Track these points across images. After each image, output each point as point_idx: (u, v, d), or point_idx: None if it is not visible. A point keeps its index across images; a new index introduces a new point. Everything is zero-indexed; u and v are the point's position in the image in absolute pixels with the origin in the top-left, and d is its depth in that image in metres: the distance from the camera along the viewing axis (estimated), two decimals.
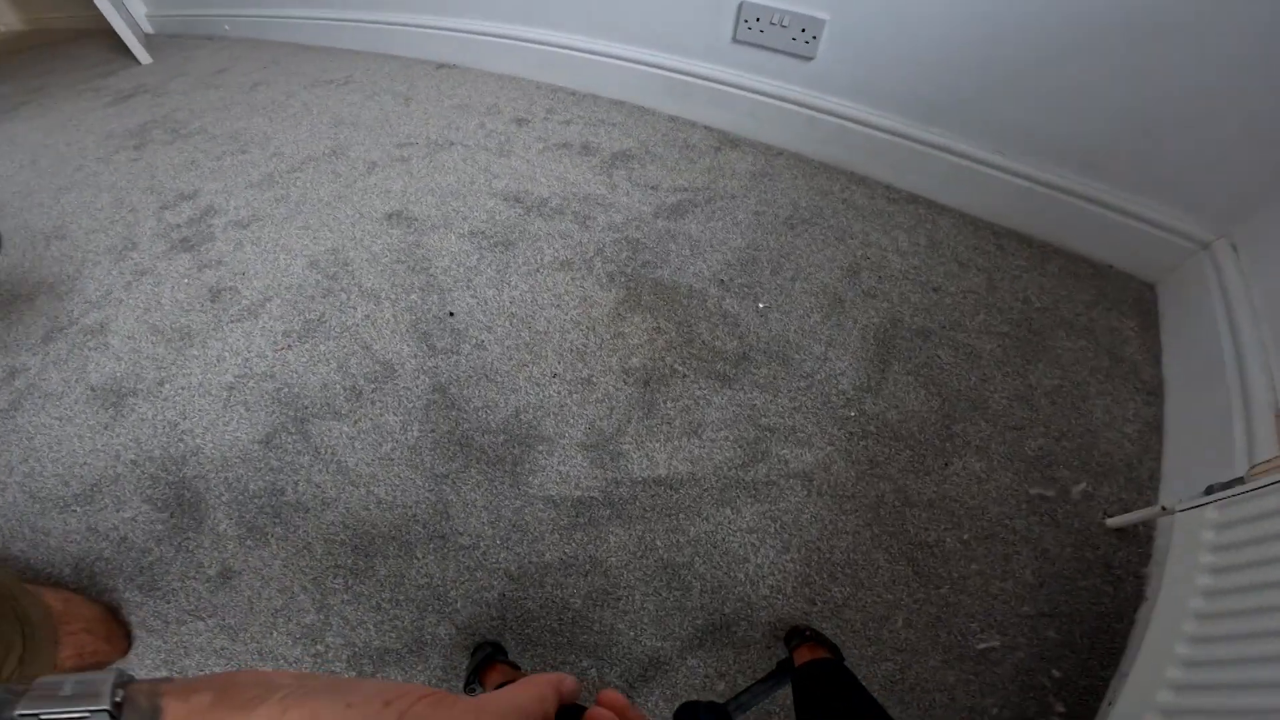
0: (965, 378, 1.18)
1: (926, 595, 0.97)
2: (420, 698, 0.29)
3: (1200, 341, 1.11)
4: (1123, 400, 1.14)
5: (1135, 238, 1.27)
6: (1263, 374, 0.95)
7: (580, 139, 1.68)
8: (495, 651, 0.92)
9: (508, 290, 1.31)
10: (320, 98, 2.05)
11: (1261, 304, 1.04)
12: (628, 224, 1.44)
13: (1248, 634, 0.62)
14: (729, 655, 0.94)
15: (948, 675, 0.91)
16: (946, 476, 1.07)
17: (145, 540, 1.06)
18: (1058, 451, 1.08)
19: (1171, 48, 1.05)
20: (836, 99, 1.48)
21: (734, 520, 1.05)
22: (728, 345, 1.23)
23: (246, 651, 0.97)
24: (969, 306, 1.28)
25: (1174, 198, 1.21)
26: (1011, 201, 1.39)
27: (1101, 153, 1.23)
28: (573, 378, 1.19)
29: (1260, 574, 0.65)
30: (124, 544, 1.06)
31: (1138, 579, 0.96)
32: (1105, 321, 1.25)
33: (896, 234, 1.42)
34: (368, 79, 2.10)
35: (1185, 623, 0.70)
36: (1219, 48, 1.02)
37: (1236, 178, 1.12)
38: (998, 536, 1.01)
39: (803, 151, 1.61)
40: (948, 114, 1.36)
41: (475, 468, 1.10)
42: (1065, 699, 0.88)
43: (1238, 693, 0.60)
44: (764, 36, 1.44)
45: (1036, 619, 0.94)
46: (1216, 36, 1.01)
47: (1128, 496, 1.03)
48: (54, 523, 1.09)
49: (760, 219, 1.45)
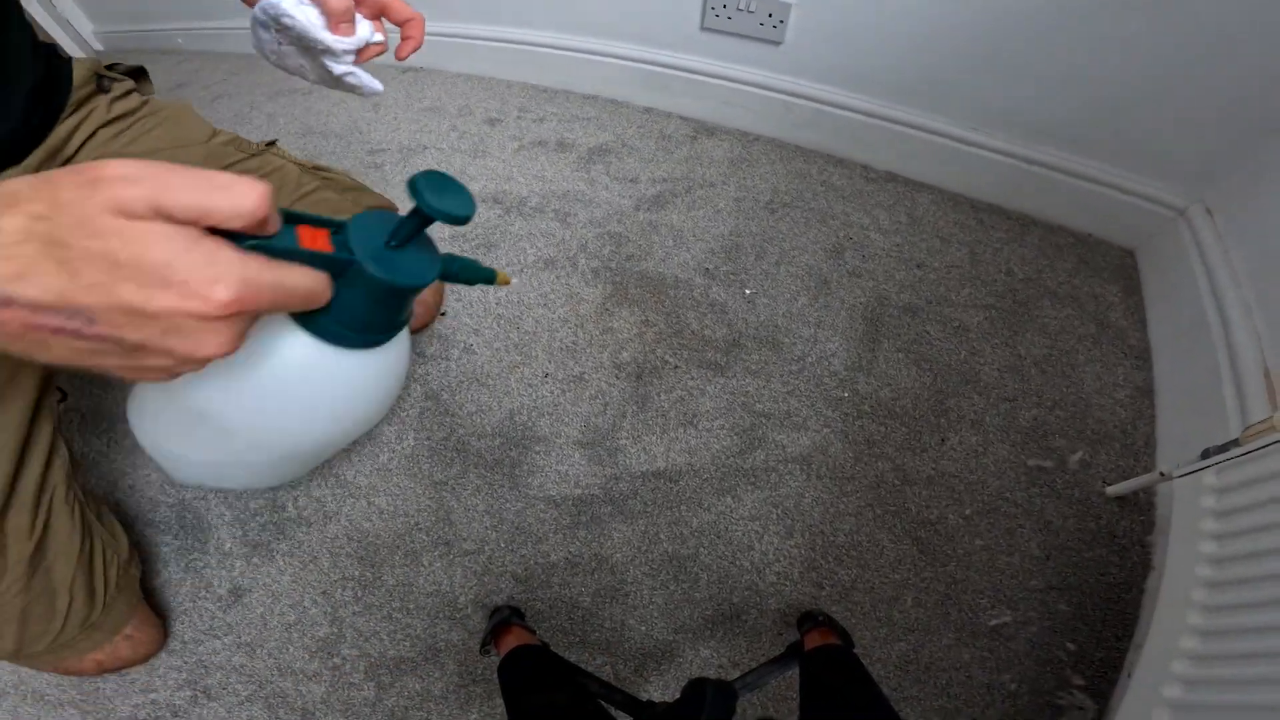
0: (955, 352, 1.19)
1: (934, 573, 0.97)
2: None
3: (1184, 305, 1.12)
4: (1112, 366, 1.15)
5: (1112, 206, 1.29)
6: (1248, 334, 0.97)
7: (555, 136, 1.67)
8: (513, 614, 0.92)
9: (493, 292, 1.30)
10: (285, 107, 2.01)
11: (1240, 265, 1.05)
12: (609, 218, 1.44)
13: (1258, 602, 0.63)
14: (741, 644, 0.95)
15: (962, 653, 0.92)
16: (944, 452, 1.08)
17: (152, 563, 1.04)
18: (1052, 421, 1.09)
19: (1140, 20, 1.06)
20: (808, 82, 1.47)
21: (735, 509, 1.05)
22: (717, 333, 1.23)
23: (265, 668, 0.96)
24: (954, 281, 1.29)
25: (1147, 166, 1.22)
26: (988, 176, 1.39)
27: (1074, 125, 1.24)
28: (564, 376, 1.19)
29: (1263, 540, 0.65)
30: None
31: (1143, 548, 0.97)
32: (1089, 289, 1.26)
33: (877, 213, 1.42)
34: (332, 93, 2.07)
35: (1194, 591, 0.70)
36: (1186, 19, 1.02)
37: (1206, 144, 1.13)
38: (1000, 510, 1.01)
39: (779, 136, 1.60)
40: (919, 92, 1.36)
41: (474, 472, 1.09)
42: (1083, 671, 0.89)
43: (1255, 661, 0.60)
44: (732, 23, 1.44)
45: (1046, 592, 0.95)
46: (1182, 8, 1.02)
47: (1125, 463, 1.04)
48: None
49: (741, 205, 1.45)
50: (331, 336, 0.46)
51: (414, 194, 0.38)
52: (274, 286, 0.35)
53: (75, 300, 0.30)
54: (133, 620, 0.91)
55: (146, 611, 0.96)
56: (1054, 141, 1.29)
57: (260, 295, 0.34)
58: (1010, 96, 1.26)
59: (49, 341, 0.32)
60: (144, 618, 0.94)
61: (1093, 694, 0.87)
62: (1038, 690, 0.89)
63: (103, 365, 0.34)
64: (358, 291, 0.43)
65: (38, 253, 0.30)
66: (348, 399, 0.55)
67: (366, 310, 0.46)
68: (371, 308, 0.46)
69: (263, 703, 0.94)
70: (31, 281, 0.29)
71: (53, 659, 0.85)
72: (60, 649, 0.82)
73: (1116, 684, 0.87)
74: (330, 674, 0.95)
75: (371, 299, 0.45)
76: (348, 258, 0.41)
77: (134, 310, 0.31)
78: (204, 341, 0.34)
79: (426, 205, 0.39)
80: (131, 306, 0.31)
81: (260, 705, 0.94)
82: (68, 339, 0.32)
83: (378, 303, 0.46)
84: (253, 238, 0.35)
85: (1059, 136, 1.27)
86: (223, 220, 0.33)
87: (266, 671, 0.96)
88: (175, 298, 0.31)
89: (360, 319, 0.46)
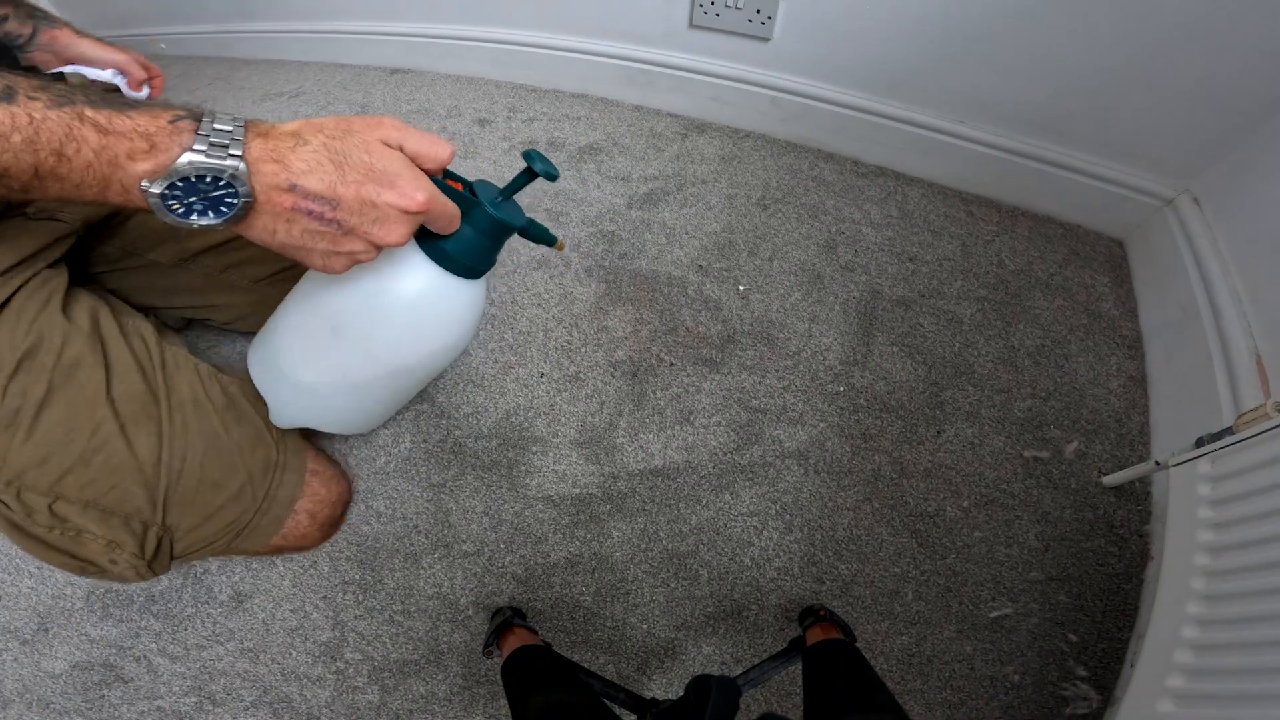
0: (949, 344, 1.19)
1: (933, 566, 0.98)
2: None
3: (1174, 294, 1.13)
4: (1104, 356, 1.16)
5: (1100, 197, 1.29)
6: (1239, 322, 0.98)
7: (546, 135, 1.66)
8: (514, 615, 0.92)
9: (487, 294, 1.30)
10: (272, 112, 2.00)
11: (1229, 254, 1.06)
12: (601, 217, 1.44)
13: (1257, 590, 0.63)
14: (743, 640, 0.95)
15: (964, 645, 0.92)
16: (940, 445, 1.08)
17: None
18: (1046, 411, 1.10)
19: (1121, 9, 1.06)
20: (797, 78, 1.48)
21: (734, 505, 1.05)
22: (712, 330, 1.23)
23: (270, 673, 0.96)
24: (945, 273, 1.30)
25: (1134, 157, 1.23)
26: (977, 168, 1.40)
27: (1060, 117, 1.25)
28: (560, 376, 1.19)
29: (1260, 528, 0.66)
30: None
31: (1141, 537, 0.97)
32: (1079, 279, 1.27)
33: (868, 207, 1.42)
34: (320, 89, 2.06)
35: (1194, 580, 0.71)
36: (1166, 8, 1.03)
37: (1192, 133, 1.14)
38: (997, 502, 1.02)
39: (769, 132, 1.61)
40: (907, 86, 1.37)
41: (471, 474, 1.09)
42: (1086, 662, 0.90)
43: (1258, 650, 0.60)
44: (720, 20, 1.44)
45: (1046, 584, 0.95)
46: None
47: (1120, 453, 1.05)
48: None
49: (733, 202, 1.45)
50: (448, 264, 0.67)
51: (527, 159, 0.62)
52: (443, 203, 0.58)
53: (335, 190, 0.50)
54: (309, 454, 0.97)
55: (315, 448, 1.03)
56: (1040, 133, 1.29)
57: (435, 205, 0.56)
58: (996, 89, 1.27)
59: (298, 221, 0.51)
60: (316, 454, 1.01)
61: (1096, 685, 0.88)
62: (1041, 682, 0.90)
63: (313, 248, 0.54)
64: (474, 229, 0.65)
65: (325, 159, 0.50)
66: (450, 319, 0.74)
67: (476, 245, 0.67)
68: (479, 243, 0.67)
69: (268, 708, 0.94)
70: (315, 176, 0.49)
71: (267, 523, 0.88)
72: (265, 501, 0.87)
73: (1120, 674, 0.88)
74: (334, 678, 0.95)
75: (481, 235, 0.66)
76: (474, 200, 0.64)
77: (368, 201, 0.52)
78: (394, 230, 0.54)
79: (533, 164, 0.61)
80: (367, 198, 0.52)
81: (265, 710, 0.94)
82: (311, 221, 0.51)
83: (485, 238, 0.67)
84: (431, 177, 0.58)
85: (1045, 128, 1.28)
86: (427, 161, 0.57)
87: (271, 676, 0.96)
88: (395, 195, 0.53)
89: (470, 251, 0.67)
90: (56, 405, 0.72)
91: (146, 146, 0.46)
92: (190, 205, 0.48)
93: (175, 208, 0.48)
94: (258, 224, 0.51)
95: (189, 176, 0.47)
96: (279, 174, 0.49)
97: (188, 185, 0.47)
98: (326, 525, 0.99)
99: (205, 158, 0.46)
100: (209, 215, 0.49)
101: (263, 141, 0.49)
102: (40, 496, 0.71)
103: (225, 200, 0.48)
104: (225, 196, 0.48)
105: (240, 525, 0.84)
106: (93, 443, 0.73)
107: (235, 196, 0.48)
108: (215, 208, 0.49)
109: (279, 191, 0.49)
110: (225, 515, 0.82)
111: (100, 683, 0.97)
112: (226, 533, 0.83)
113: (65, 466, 0.71)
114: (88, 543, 0.74)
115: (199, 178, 0.47)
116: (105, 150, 0.45)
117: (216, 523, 0.82)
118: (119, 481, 0.74)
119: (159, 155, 0.46)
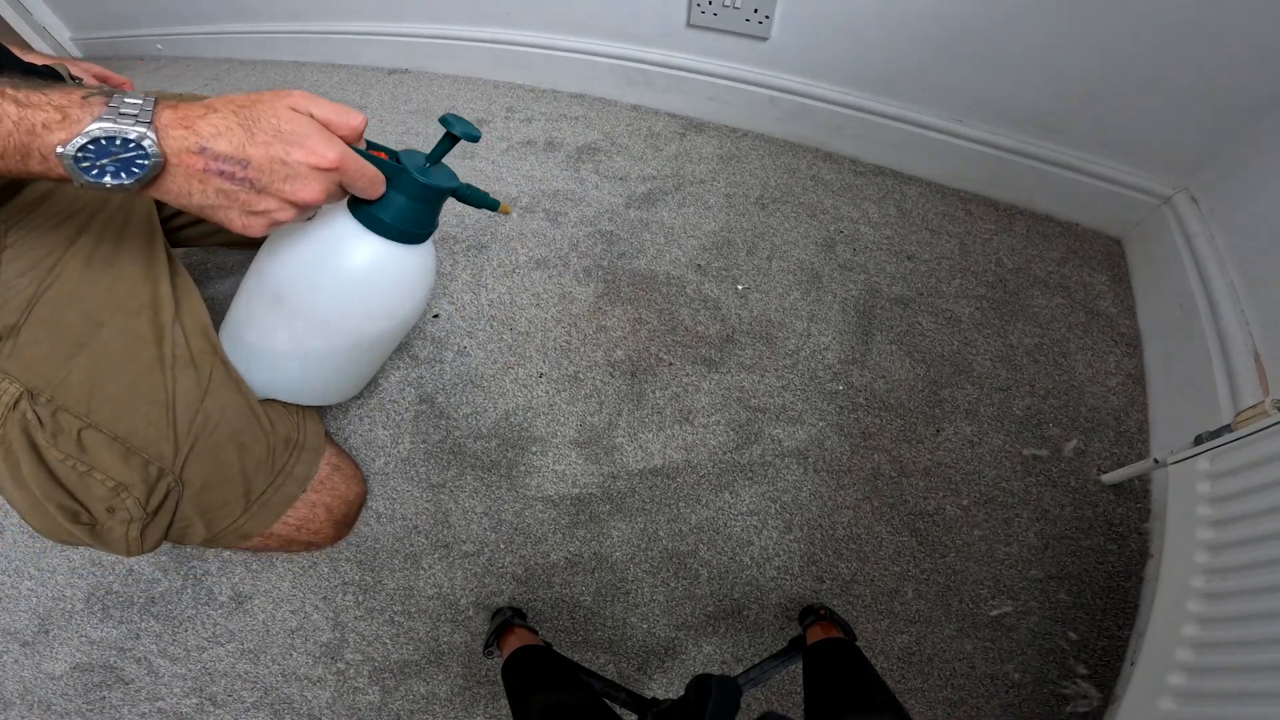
0: (947, 343, 1.19)
1: (933, 565, 0.98)
2: None
3: (1172, 292, 1.13)
4: (1103, 354, 1.16)
5: (1098, 196, 1.30)
6: (1237, 319, 0.98)
7: (544, 135, 1.66)
8: (515, 615, 0.92)
9: (485, 294, 1.30)
10: None
11: (1227, 252, 1.06)
12: (599, 217, 1.44)
13: (1257, 588, 0.63)
14: (744, 639, 0.95)
15: (964, 644, 0.92)
16: (939, 443, 1.08)
17: (152, 570, 1.04)
18: (1045, 410, 1.10)
19: (1117, 7, 1.06)
20: (795, 77, 1.48)
21: (734, 504, 1.05)
22: (711, 329, 1.23)
23: (270, 674, 0.96)
24: (944, 272, 1.30)
25: (1132, 155, 1.23)
26: (975, 167, 1.40)
27: (1057, 115, 1.25)
28: (559, 376, 1.19)
29: (1259, 525, 0.66)
30: (131, 575, 1.05)
31: (1140, 535, 0.98)
32: (1077, 277, 1.27)
33: (866, 206, 1.43)
34: (317, 90, 2.03)
35: (1193, 578, 0.71)
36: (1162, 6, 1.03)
37: (1189, 132, 1.14)
38: (996, 500, 1.02)
39: (767, 131, 1.61)
40: (905, 85, 1.37)
41: (471, 474, 1.09)
42: (1086, 660, 0.90)
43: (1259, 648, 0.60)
44: (718, 19, 1.44)
45: (1045, 582, 0.96)
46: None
47: (1119, 451, 1.05)
48: (57, 560, 1.07)
49: (731, 201, 1.45)
50: (382, 230, 0.70)
51: (445, 124, 0.65)
52: (357, 162, 0.61)
53: (245, 151, 0.54)
54: (332, 449, 1.00)
55: (337, 445, 1.05)
56: (1038, 132, 1.29)
57: (348, 164, 0.59)
58: (993, 88, 1.27)
59: (211, 181, 0.54)
60: (339, 451, 1.03)
61: (1097, 683, 0.88)
62: (1042, 680, 0.90)
63: (230, 207, 0.57)
64: (404, 195, 0.68)
65: (234, 124, 0.53)
66: (393, 287, 0.77)
67: (408, 209, 0.70)
68: (411, 207, 0.70)
69: (269, 709, 0.94)
70: (224, 139, 0.53)
71: (279, 499, 0.89)
72: (280, 476, 0.88)
73: (1120, 672, 0.88)
74: (335, 679, 0.95)
75: (411, 200, 0.69)
76: (399, 166, 0.66)
77: (277, 159, 0.55)
78: (307, 186, 0.57)
79: (451, 128, 0.65)
80: (277, 156, 0.55)
81: (266, 711, 0.94)
82: (224, 180, 0.54)
83: (416, 203, 0.70)
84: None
85: (1042, 127, 1.28)
86: (340, 128, 0.59)
87: (271, 678, 0.96)
88: (303, 153, 0.56)
89: (405, 217, 0.70)
90: (117, 334, 0.77)
91: (60, 117, 0.50)
92: (103, 167, 0.51)
93: (88, 168, 0.51)
94: (172, 186, 0.55)
95: (99, 138, 0.50)
96: (187, 138, 0.52)
97: (99, 147, 0.50)
98: (341, 524, 0.99)
99: (114, 124, 0.50)
100: (121, 176, 0.52)
101: (172, 111, 0.53)
102: (75, 419, 0.72)
103: (136, 161, 0.52)
104: (136, 158, 0.52)
105: (253, 496, 0.85)
106: (143, 380, 0.77)
107: (145, 158, 0.52)
108: (126, 168, 0.52)
109: (189, 154, 0.53)
110: (240, 484, 0.83)
111: (101, 684, 0.97)
112: (237, 502, 0.83)
113: (110, 394, 0.74)
114: (93, 485, 0.73)
115: (109, 138, 0.50)
116: (23, 121, 0.49)
117: (229, 489, 0.82)
118: (155, 420, 0.76)
119: (71, 125, 0.50)
